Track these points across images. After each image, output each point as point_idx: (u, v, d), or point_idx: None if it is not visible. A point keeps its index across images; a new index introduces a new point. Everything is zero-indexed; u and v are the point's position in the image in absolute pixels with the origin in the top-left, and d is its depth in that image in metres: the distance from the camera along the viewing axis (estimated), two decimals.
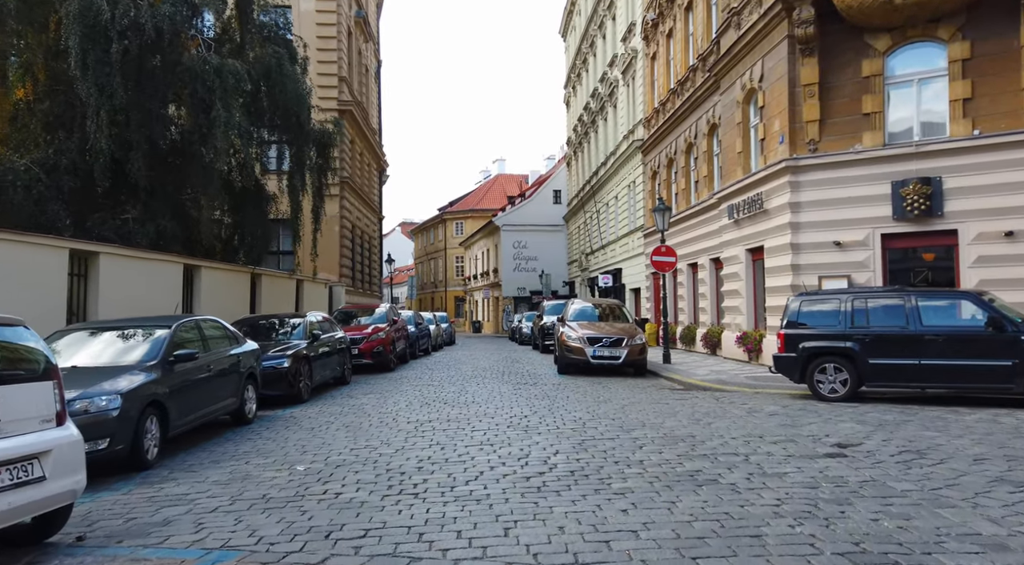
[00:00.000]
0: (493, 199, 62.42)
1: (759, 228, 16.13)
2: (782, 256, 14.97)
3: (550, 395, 11.61)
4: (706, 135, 20.21)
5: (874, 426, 8.13)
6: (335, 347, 13.47)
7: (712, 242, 19.79)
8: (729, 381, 13.39)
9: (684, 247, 22.04)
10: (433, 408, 10.19)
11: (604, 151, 34.84)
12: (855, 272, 13.88)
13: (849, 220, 13.95)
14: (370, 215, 36.79)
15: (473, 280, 59.17)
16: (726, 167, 18.22)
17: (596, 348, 15.11)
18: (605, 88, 33.96)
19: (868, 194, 13.73)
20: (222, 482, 6.07)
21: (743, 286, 17.28)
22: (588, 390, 12.40)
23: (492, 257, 52.56)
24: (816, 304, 11.08)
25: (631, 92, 29.63)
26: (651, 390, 12.55)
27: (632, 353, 15.08)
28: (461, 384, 13.63)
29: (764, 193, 15.64)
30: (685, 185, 22.43)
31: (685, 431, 7.97)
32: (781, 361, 11.13)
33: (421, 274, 75.95)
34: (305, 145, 18.83)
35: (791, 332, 11.04)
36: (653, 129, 25.44)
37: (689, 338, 21.60)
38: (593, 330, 15.68)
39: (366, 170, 35.72)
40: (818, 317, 10.97)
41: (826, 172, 14.21)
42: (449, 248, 65.92)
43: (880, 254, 13.74)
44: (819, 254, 14.29)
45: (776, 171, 14.90)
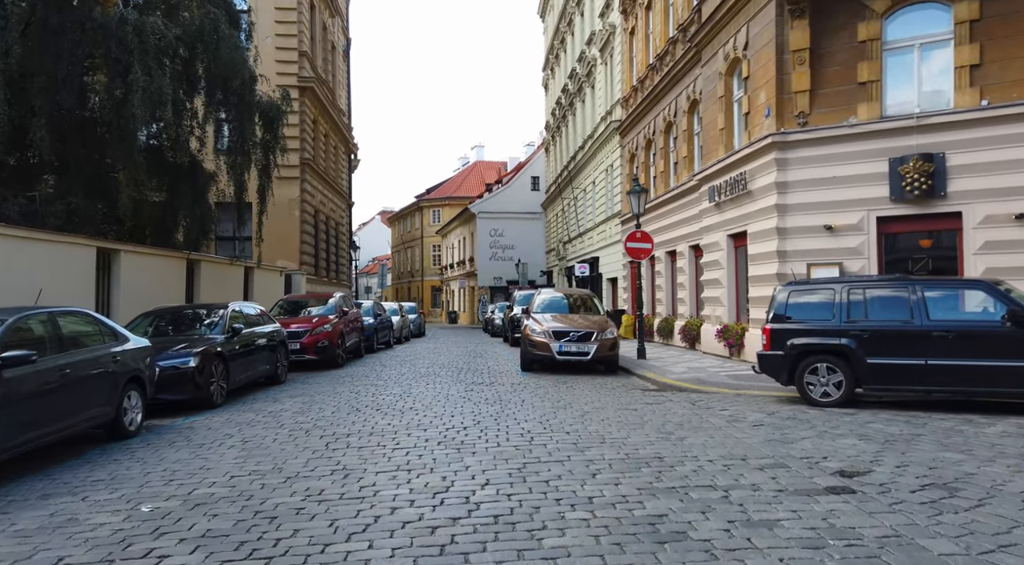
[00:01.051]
0: (471, 186, 60.75)
1: (742, 211, 14.72)
2: (767, 242, 13.58)
3: (504, 398, 10.13)
4: (686, 112, 18.75)
5: (880, 443, 6.74)
6: (265, 342, 11.88)
7: (692, 228, 18.39)
8: (708, 381, 12.00)
9: (662, 234, 20.63)
10: (361, 417, 8.66)
11: (582, 134, 33.32)
12: (848, 259, 12.52)
13: (841, 202, 12.57)
14: (337, 200, 35.01)
15: (449, 269, 57.55)
16: (707, 146, 16.78)
17: (563, 343, 13.65)
18: (583, 68, 32.38)
19: (863, 173, 12.36)
20: (27, 531, 4.51)
21: (724, 275, 15.90)
22: (549, 391, 10.95)
23: (468, 246, 50.95)
24: (807, 295, 9.68)
25: (609, 71, 28.10)
26: (621, 391, 11.12)
27: (602, 348, 13.65)
28: (408, 384, 12.11)
29: (748, 173, 14.23)
30: (664, 167, 20.99)
31: (652, 450, 6.52)
32: (766, 360, 9.74)
33: (398, 263, 74.16)
34: (248, 118, 17.08)
35: (778, 327, 9.64)
36: (631, 109, 23.95)
37: (667, 331, 20.24)
38: (560, 323, 14.21)
39: (332, 153, 33.91)
40: (809, 310, 9.57)
41: (816, 148, 12.80)
42: (426, 237, 64.17)
43: (875, 239, 12.39)
44: (808, 239, 12.91)
45: (761, 148, 13.48)
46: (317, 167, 29.86)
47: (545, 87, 45.61)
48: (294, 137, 27.72)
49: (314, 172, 29.23)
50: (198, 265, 16.93)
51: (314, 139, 30.06)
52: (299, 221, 27.84)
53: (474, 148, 68.41)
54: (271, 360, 12.07)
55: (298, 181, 27.88)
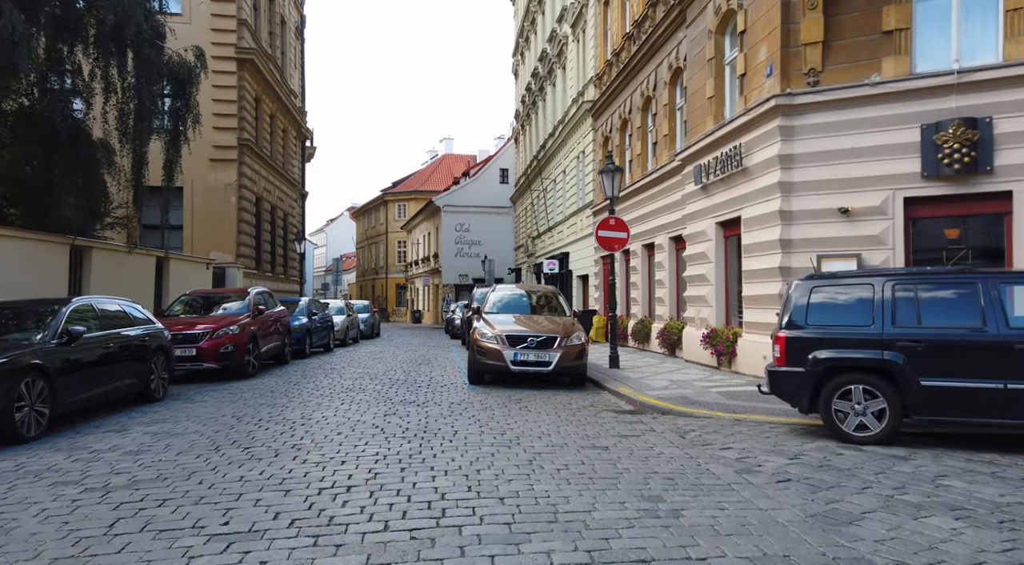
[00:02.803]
0: (439, 180, 57.97)
1: (735, 193, 12.34)
2: (766, 229, 11.20)
3: (431, 428, 7.54)
4: (667, 84, 16.35)
5: (995, 525, 4.30)
6: (131, 348, 9.13)
7: (672, 216, 16.00)
8: (697, 400, 9.55)
9: (638, 224, 18.22)
10: (211, 463, 5.99)
11: (552, 120, 30.84)
12: (867, 250, 10.19)
13: (861, 179, 10.23)
14: (286, 189, 32.06)
15: (414, 266, 54.71)
16: (692, 120, 14.38)
17: (518, 350, 11.11)
18: (554, 48, 29.90)
19: (888, 143, 10.03)
20: None
21: (712, 270, 13.51)
22: (496, 415, 8.40)
23: (433, 241, 48.20)
24: (834, 292, 7.26)
25: (581, 48, 25.65)
26: (588, 415, 8.61)
27: (567, 357, 11.15)
28: (316, 404, 9.45)
29: (743, 145, 11.83)
30: (641, 149, 18.58)
31: (631, 542, 3.99)
32: (780, 379, 7.30)
33: (362, 260, 71.05)
34: (148, 78, 14.20)
35: (796, 335, 7.20)
36: (605, 86, 21.51)
37: (643, 334, 17.84)
38: (517, 326, 11.68)
39: (279, 136, 30.97)
40: (838, 312, 7.16)
41: (830, 113, 10.45)
42: (391, 232, 61.19)
43: (902, 225, 10.06)
44: (818, 226, 10.56)
45: (762, 114, 11.09)
46: (260, 150, 26.95)
47: (515, 74, 43.07)
48: (231, 114, 24.87)
49: (256, 155, 26.32)
50: (87, 252, 14.04)
51: (256, 118, 27.14)
52: (236, 208, 24.94)
53: (443, 141, 65.59)
54: (139, 371, 9.31)
55: (235, 164, 25.00)
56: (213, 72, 24.90)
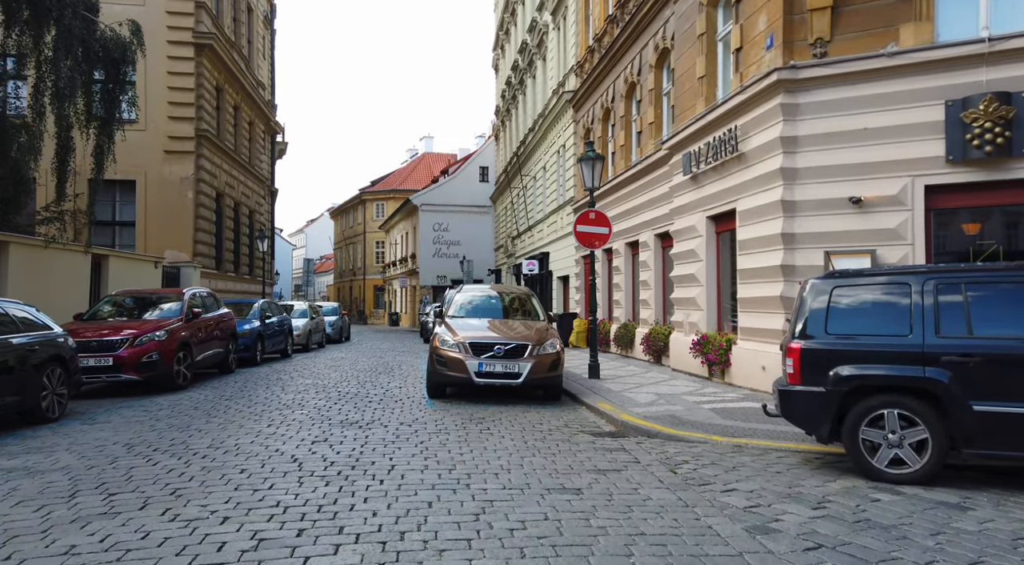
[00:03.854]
0: (418, 179, 56.41)
1: (729, 183, 11.00)
2: (766, 222, 9.86)
3: (361, 461, 6.07)
4: (653, 67, 15.00)
5: None
6: (6, 361, 7.56)
7: (659, 211, 14.65)
8: (688, 420, 8.17)
9: (621, 221, 16.87)
10: (47, 523, 4.48)
11: (532, 114, 29.47)
12: (883, 246, 8.87)
13: (875, 164, 8.92)
14: (253, 185, 30.40)
15: (392, 267, 53.04)
16: (681, 103, 13.03)
17: (484, 360, 9.67)
18: (534, 38, 28.52)
19: (907, 122, 8.72)
20: None
21: (702, 269, 12.16)
22: (450, 441, 6.95)
23: (411, 241, 46.59)
24: (861, 294, 5.89)
25: (562, 37, 24.30)
26: (560, 440, 7.19)
27: (540, 368, 9.72)
28: (239, 424, 7.93)
29: (739, 128, 10.49)
30: (624, 140, 17.22)
31: None
32: (794, 400, 5.91)
33: (340, 261, 69.23)
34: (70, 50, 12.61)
35: (813, 346, 5.82)
36: (586, 74, 20.15)
37: (626, 340, 16.47)
38: (482, 332, 10.23)
39: (244, 129, 29.31)
40: (866, 318, 5.79)
41: (840, 88, 9.13)
42: (369, 232, 59.46)
43: (923, 217, 8.75)
44: (825, 218, 9.23)
45: (761, 91, 9.75)
46: (222, 143, 25.32)
47: (495, 69, 41.67)
48: (187, 103, 23.23)
49: (216, 147, 24.69)
50: (4, 247, 12.42)
51: (217, 109, 25.51)
52: (193, 204, 23.30)
53: (423, 139, 64.00)
54: (24, 386, 7.73)
55: (192, 156, 23.35)
56: (168, 58, 23.35)
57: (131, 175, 22.70)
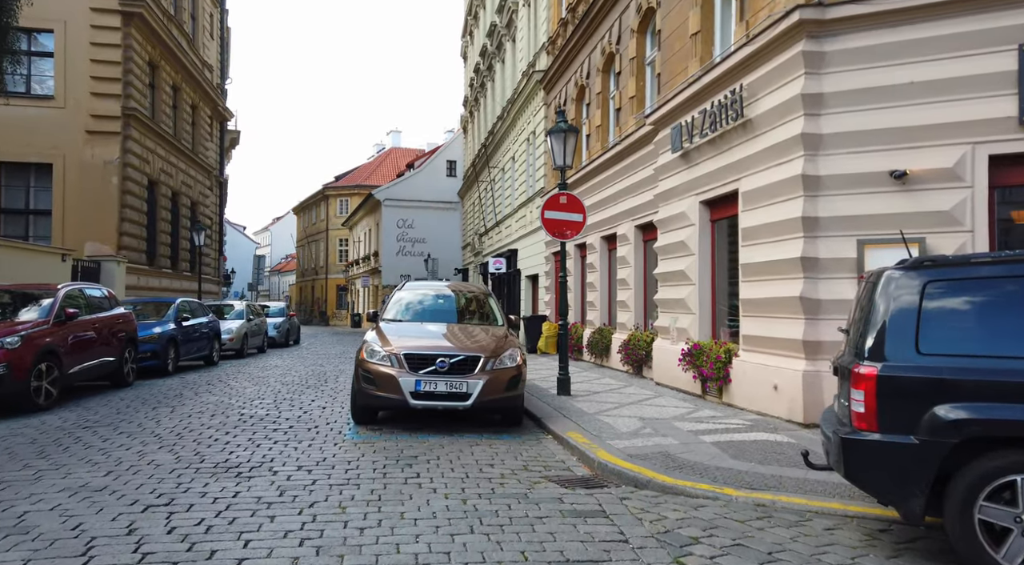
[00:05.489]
0: (385, 174, 53.89)
1: (730, 158, 8.98)
2: (780, 204, 7.84)
3: (198, 547, 3.86)
4: (635, 31, 12.97)
5: None
6: None
7: (640, 198, 12.63)
8: (685, 459, 6.09)
9: (597, 211, 14.84)
10: None
11: (501, 101, 27.36)
12: (935, 233, 6.91)
13: (924, 129, 6.96)
14: (196, 174, 27.77)
15: (355, 266, 50.48)
16: (669, 68, 11.01)
17: (422, 377, 7.49)
18: (503, 18, 26.42)
19: (967, 74, 6.78)
20: None
21: (694, 265, 10.15)
22: (348, 506, 4.76)
23: (373, 239, 44.14)
24: (974, 292, 3.84)
25: (533, 13, 22.23)
26: (513, 498, 5.06)
27: (494, 386, 7.58)
28: (68, 470, 5.64)
29: (746, 88, 8.47)
30: (601, 120, 15.18)
31: None
32: (867, 455, 3.84)
33: (302, 260, 66.32)
34: None
35: (900, 373, 3.77)
36: (559, 50, 18.09)
37: (601, 347, 14.41)
38: (421, 341, 8.04)
39: (186, 112, 26.71)
40: (984, 328, 3.75)
41: (880, 31, 7.16)
42: (332, 229, 56.80)
43: (985, 196, 6.81)
44: (858, 198, 7.25)
45: (776, 37, 7.74)
46: (156, 125, 22.75)
47: (464, 57, 39.47)
48: (113, 78, 20.66)
49: (149, 129, 22.13)
50: None
51: (152, 87, 22.95)
52: (119, 191, 20.74)
53: (390, 133, 61.51)
54: None
55: (119, 137, 20.78)
56: (91, 27, 20.73)
57: (47, 158, 20.12)
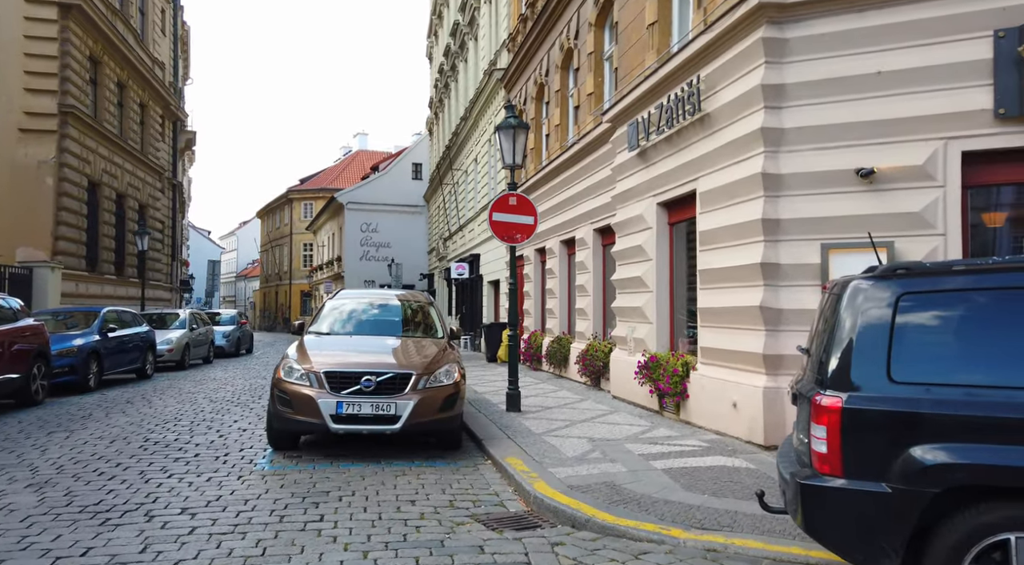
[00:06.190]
0: (350, 177, 52.75)
1: (688, 156, 8.34)
2: (739, 205, 7.21)
3: None
4: (593, 25, 12.33)
5: None
6: None
7: (599, 200, 11.98)
8: (633, 491, 5.37)
9: (556, 215, 14.17)
10: None
11: (464, 101, 26.63)
12: (904, 237, 6.32)
13: (893, 123, 6.37)
14: (145, 176, 26.51)
15: (319, 271, 49.24)
16: (626, 62, 10.37)
17: (345, 399, 6.68)
18: (465, 16, 25.72)
19: (938, 62, 6.21)
20: None
21: (651, 271, 9.49)
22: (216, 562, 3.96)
23: (337, 243, 43.03)
24: (955, 306, 3.18)
25: (494, 9, 21.56)
26: (425, 548, 4.28)
27: (427, 407, 6.80)
28: None
29: (703, 80, 7.84)
30: (560, 118, 14.52)
31: None
32: (831, 505, 3.15)
33: (266, 265, 64.70)
34: None
35: (869, 406, 3.10)
36: (519, 47, 17.42)
37: (560, 357, 13.71)
38: (346, 357, 7.22)
39: (134, 112, 25.50)
40: (969, 352, 3.09)
41: (845, 17, 6.56)
42: (296, 233, 55.42)
43: (958, 197, 6.23)
44: (822, 199, 6.63)
45: (734, 24, 7.10)
46: (99, 124, 21.58)
47: (429, 58, 38.67)
48: (49, 74, 19.49)
49: (90, 128, 20.95)
50: None
51: (94, 84, 21.78)
52: (54, 192, 19.54)
53: (357, 136, 60.31)
54: None
55: (55, 136, 19.59)
56: (25, 19, 19.55)
57: None
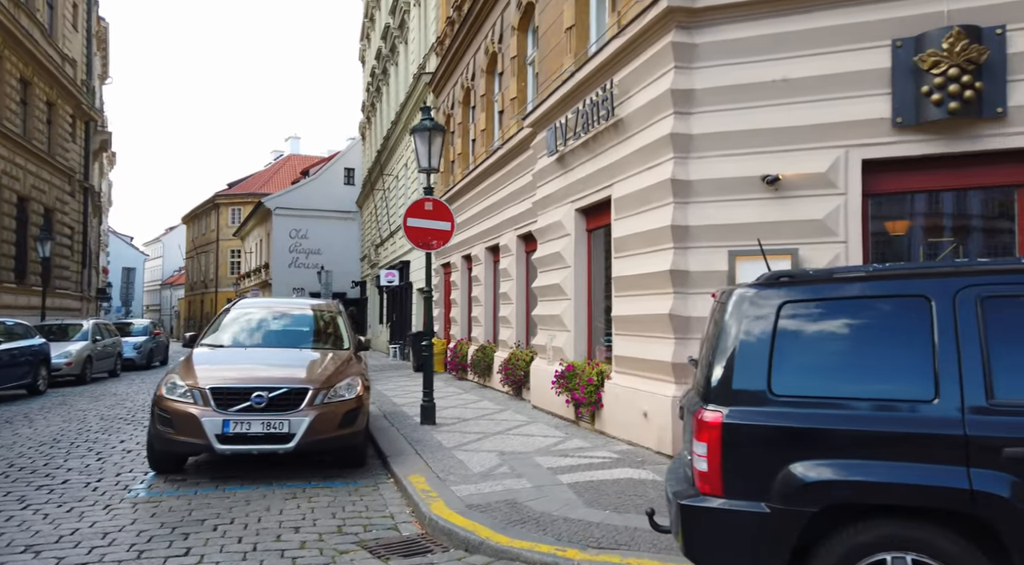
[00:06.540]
0: (281, 182, 51.13)
1: (604, 161, 8.21)
2: (650, 212, 7.09)
3: None
4: (516, 29, 12.16)
5: None
6: None
7: (522, 206, 11.77)
8: (533, 510, 5.09)
9: (482, 220, 13.91)
10: None
11: (395, 105, 26.12)
12: (808, 244, 6.30)
13: (797, 131, 6.36)
14: (53, 179, 24.85)
15: (247, 279, 47.49)
16: (546, 67, 10.22)
17: (232, 417, 6.18)
18: (396, 19, 25.26)
19: (838, 71, 6.23)
20: None
21: (569, 278, 9.32)
22: None
23: (265, 249, 41.58)
24: (838, 312, 3.04)
25: (423, 12, 21.21)
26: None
27: (325, 423, 6.37)
28: None
29: (617, 85, 7.72)
30: (486, 123, 14.28)
31: None
32: (708, 527, 2.95)
33: (191, 272, 62.09)
34: None
35: (748, 421, 2.92)
36: (446, 50, 17.13)
37: (484, 366, 13.41)
38: (236, 371, 6.71)
39: (39, 110, 23.91)
40: (849, 362, 2.95)
41: (752, 23, 6.53)
42: (223, 240, 53.33)
43: (859, 204, 6.26)
44: (730, 206, 6.57)
45: (645, 28, 7.00)
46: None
47: (362, 61, 37.93)
48: None
49: None
50: None
51: None
52: None
53: (288, 140, 58.60)
54: None
55: None
56: None
57: None
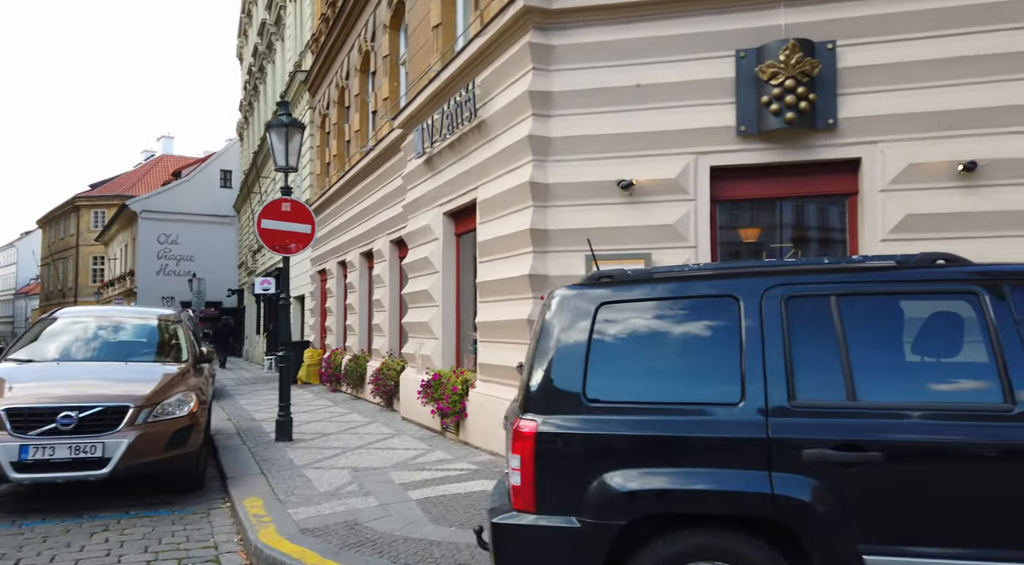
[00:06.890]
0: (152, 184, 47.58)
1: (469, 163, 8.00)
2: (511, 215, 6.95)
3: None
4: (388, 27, 11.78)
5: None
6: None
7: (395, 210, 11.38)
8: (373, 530, 4.71)
9: (357, 225, 13.38)
10: None
11: (272, 104, 24.90)
12: (660, 249, 6.35)
13: (651, 136, 6.41)
14: None
15: (110, 287, 43.78)
16: (415, 66, 9.92)
17: (32, 441, 5.38)
18: (272, 15, 24.12)
19: (690, 78, 6.34)
20: None
21: (437, 284, 9.03)
22: None
23: (131, 255, 38.50)
24: (650, 314, 2.92)
25: (299, 9, 20.34)
26: None
27: (149, 444, 5.68)
28: None
29: (479, 85, 7.54)
30: (360, 124, 13.77)
31: None
32: (518, 545, 2.74)
33: (47, 280, 56.56)
34: None
35: (562, 430, 2.73)
36: (321, 48, 16.44)
37: (357, 377, 12.84)
38: (43, 389, 5.89)
39: None
40: (660, 366, 2.82)
41: (608, 27, 6.54)
42: (84, 245, 48.90)
43: (708, 210, 6.39)
44: (588, 210, 6.53)
45: (504, 27, 6.86)
46: None
47: (240, 58, 36.03)
48: None
49: None
50: None
51: None
52: None
53: (160, 139, 54.71)
54: None
55: None
56: None
57: None
